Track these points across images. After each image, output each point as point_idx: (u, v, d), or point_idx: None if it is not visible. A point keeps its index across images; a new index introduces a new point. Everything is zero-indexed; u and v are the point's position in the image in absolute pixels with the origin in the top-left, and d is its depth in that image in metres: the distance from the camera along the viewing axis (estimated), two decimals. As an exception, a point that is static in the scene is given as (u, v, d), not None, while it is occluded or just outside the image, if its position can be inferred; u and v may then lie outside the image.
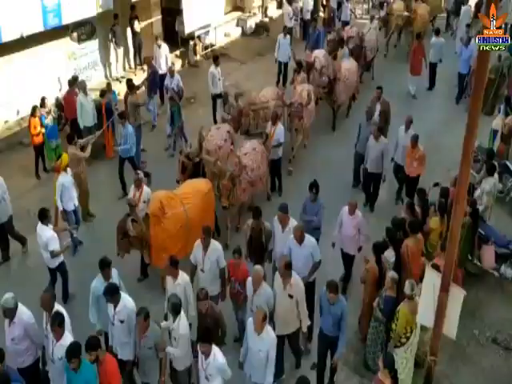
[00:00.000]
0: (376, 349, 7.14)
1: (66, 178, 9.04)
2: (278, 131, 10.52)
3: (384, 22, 17.35)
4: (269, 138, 10.44)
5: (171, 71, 12.57)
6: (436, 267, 6.29)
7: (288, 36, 15.38)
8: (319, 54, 13.58)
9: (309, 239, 7.31)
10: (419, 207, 8.54)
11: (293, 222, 7.69)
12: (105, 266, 6.75)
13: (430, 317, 5.95)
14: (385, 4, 19.03)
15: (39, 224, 7.84)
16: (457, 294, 5.72)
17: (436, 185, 9.28)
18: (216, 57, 13.42)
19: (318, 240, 8.16)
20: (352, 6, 19.02)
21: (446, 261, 5.73)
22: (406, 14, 16.99)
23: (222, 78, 13.32)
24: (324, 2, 18.88)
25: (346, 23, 17.71)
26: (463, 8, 18.48)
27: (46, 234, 7.77)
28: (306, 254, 7.28)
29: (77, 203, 9.37)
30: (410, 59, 14.80)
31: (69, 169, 9.21)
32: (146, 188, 8.91)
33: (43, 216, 7.81)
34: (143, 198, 8.73)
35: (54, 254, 7.83)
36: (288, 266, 6.62)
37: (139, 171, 9.18)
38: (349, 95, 13.66)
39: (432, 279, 5.91)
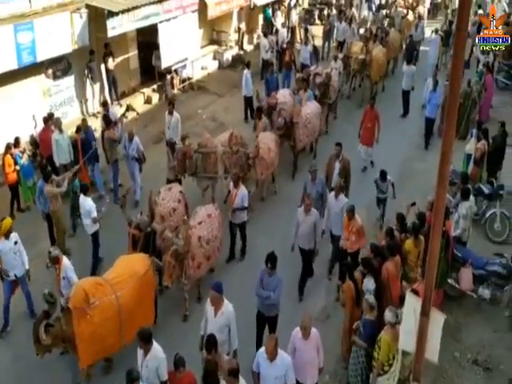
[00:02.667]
0: (356, 373, 7.10)
1: (4, 245, 8.33)
2: (241, 194, 9.66)
3: (344, 64, 16.27)
4: (229, 201, 9.76)
5: (130, 134, 11.37)
6: (415, 293, 6.27)
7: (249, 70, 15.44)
8: (284, 93, 13.29)
9: (282, 357, 6.17)
10: (398, 232, 8.61)
11: (227, 306, 6.83)
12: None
13: (411, 342, 5.90)
14: (344, 45, 18.73)
15: (81, 195, 9.44)
16: (437, 318, 5.70)
17: (413, 204, 9.31)
18: (169, 103, 12.77)
19: (276, 317, 7.69)
20: (311, 49, 18.47)
21: (426, 285, 5.72)
22: (361, 57, 16.16)
23: (176, 128, 12.47)
24: (285, 46, 18.56)
25: (305, 66, 17.06)
26: (433, 37, 19.09)
27: (88, 203, 9.30)
28: (278, 375, 6.15)
29: (21, 272, 8.52)
30: (360, 125, 12.88)
31: (14, 234, 8.46)
32: (65, 261, 7.86)
33: (85, 189, 9.50)
34: (63, 274, 7.80)
35: (95, 220, 9.33)
36: (233, 373, 5.69)
37: (53, 248, 8.17)
38: (311, 139, 13.21)
39: (412, 304, 5.89)
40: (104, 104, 12.97)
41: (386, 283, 7.61)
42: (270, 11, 21.83)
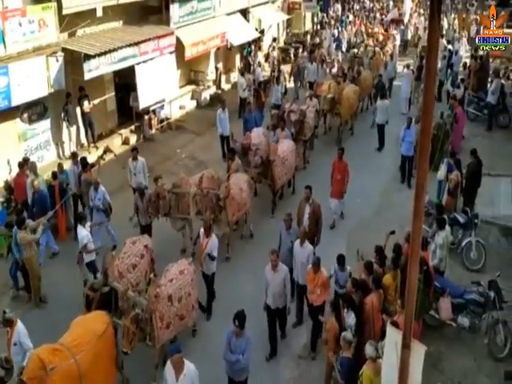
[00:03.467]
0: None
1: None
2: (211, 243, 9.23)
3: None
4: (199, 250, 9.43)
5: (96, 183, 10.98)
6: (395, 325, 6.24)
7: (226, 110, 15.53)
8: (258, 132, 13.30)
9: None
10: (378, 265, 8.59)
11: (189, 367, 6.42)
12: None
13: (394, 375, 5.84)
14: (314, 85, 18.75)
15: (78, 225, 9.68)
16: (418, 350, 5.67)
17: (392, 233, 9.32)
18: (133, 149, 12.51)
19: (245, 381, 7.32)
20: (282, 89, 18.89)
21: (405, 317, 5.70)
22: (329, 96, 15.84)
23: (143, 173, 12.37)
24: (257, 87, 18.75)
25: (276, 106, 17.21)
26: (405, 72, 19.61)
27: (82, 233, 9.53)
28: None
29: None
30: (331, 177, 12.24)
31: None
32: (19, 326, 7.47)
33: (81, 219, 9.77)
34: (15, 339, 7.43)
35: (87, 251, 9.42)
36: None
37: (6, 310, 7.77)
38: (289, 177, 13.25)
39: (393, 337, 5.85)
40: (73, 155, 12.39)
41: (370, 316, 7.55)
42: (249, 49, 22.48)
